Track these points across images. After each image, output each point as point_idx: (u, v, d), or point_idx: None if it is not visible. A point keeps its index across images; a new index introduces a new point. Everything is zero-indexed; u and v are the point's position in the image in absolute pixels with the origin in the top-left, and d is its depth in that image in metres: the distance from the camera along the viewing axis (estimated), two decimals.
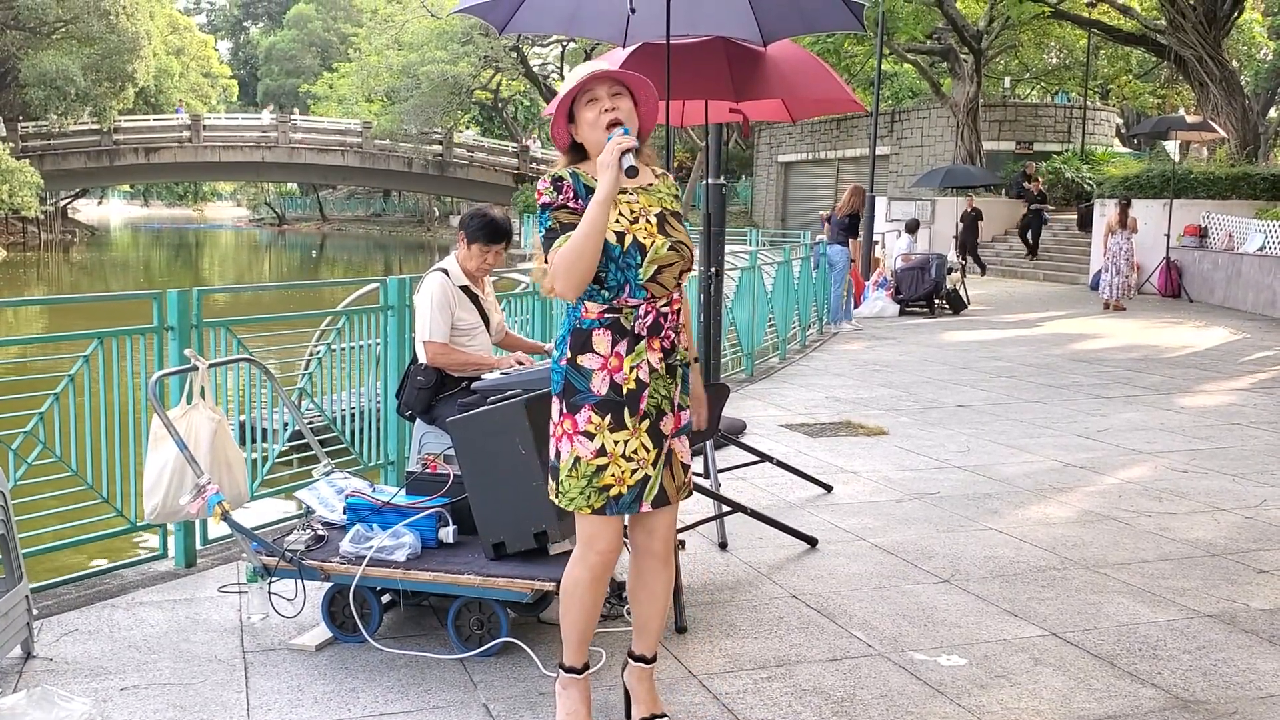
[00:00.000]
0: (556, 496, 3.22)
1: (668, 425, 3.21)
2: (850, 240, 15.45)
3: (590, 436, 3.14)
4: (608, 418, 3.13)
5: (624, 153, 3.03)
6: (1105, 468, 7.01)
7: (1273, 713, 3.61)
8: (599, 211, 3.04)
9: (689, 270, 3.28)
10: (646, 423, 3.15)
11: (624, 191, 3.22)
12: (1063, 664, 3.98)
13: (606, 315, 3.16)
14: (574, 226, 3.07)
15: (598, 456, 3.13)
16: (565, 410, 3.18)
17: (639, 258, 3.13)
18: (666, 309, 3.20)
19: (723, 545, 5.27)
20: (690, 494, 3.33)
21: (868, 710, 3.60)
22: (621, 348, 3.14)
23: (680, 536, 4.84)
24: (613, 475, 3.13)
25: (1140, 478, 6.77)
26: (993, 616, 4.44)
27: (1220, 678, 3.88)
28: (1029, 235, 25.82)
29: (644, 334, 3.16)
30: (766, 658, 4.01)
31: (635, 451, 3.14)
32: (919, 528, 5.68)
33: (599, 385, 3.14)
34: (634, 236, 3.14)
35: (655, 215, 3.22)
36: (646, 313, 3.16)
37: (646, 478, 3.16)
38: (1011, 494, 6.36)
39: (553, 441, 3.24)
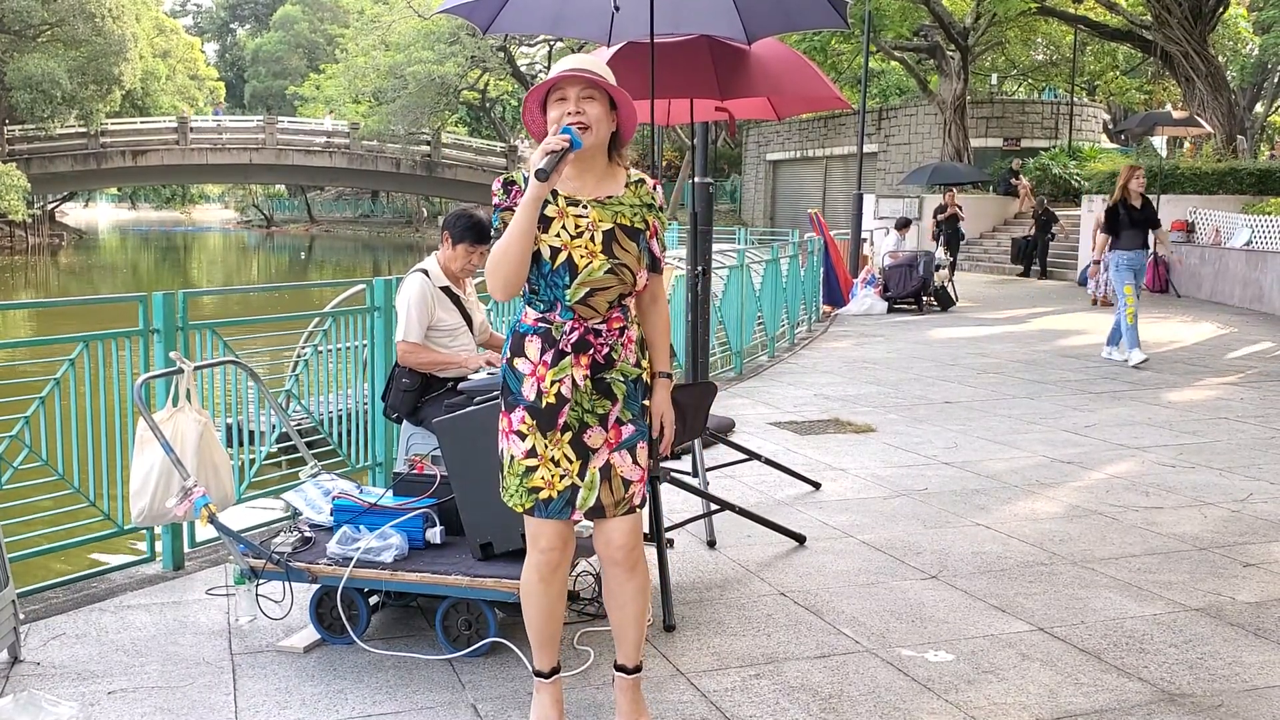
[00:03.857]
0: (502, 491, 3.23)
1: (595, 439, 3.15)
2: (1120, 233, 11.31)
3: (522, 437, 3.16)
4: (537, 421, 3.13)
5: (548, 153, 2.95)
6: (1092, 463, 7.03)
7: (1258, 705, 3.63)
8: (521, 214, 3.02)
9: (632, 294, 3.20)
10: (568, 435, 3.13)
11: (575, 204, 3.14)
12: (1050, 659, 3.99)
13: (540, 323, 3.15)
14: None
15: (528, 457, 3.15)
16: (505, 408, 3.21)
17: (568, 278, 3.09)
18: (600, 326, 3.14)
19: (711, 543, 5.28)
20: (631, 510, 3.21)
21: (856, 707, 3.60)
22: (548, 357, 3.13)
23: (669, 535, 4.85)
24: (542, 478, 3.14)
25: (1127, 472, 6.79)
26: (980, 612, 4.45)
27: (1206, 671, 3.89)
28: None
29: (569, 350, 3.12)
30: (755, 655, 4.01)
31: (558, 461, 3.14)
32: (907, 524, 5.69)
33: (528, 390, 3.14)
34: (569, 255, 3.08)
35: (604, 232, 3.12)
36: (573, 330, 3.12)
37: (575, 486, 3.14)
38: (999, 490, 6.37)
39: (499, 437, 3.25)
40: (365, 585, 4.01)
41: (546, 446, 3.14)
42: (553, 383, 3.12)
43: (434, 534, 4.15)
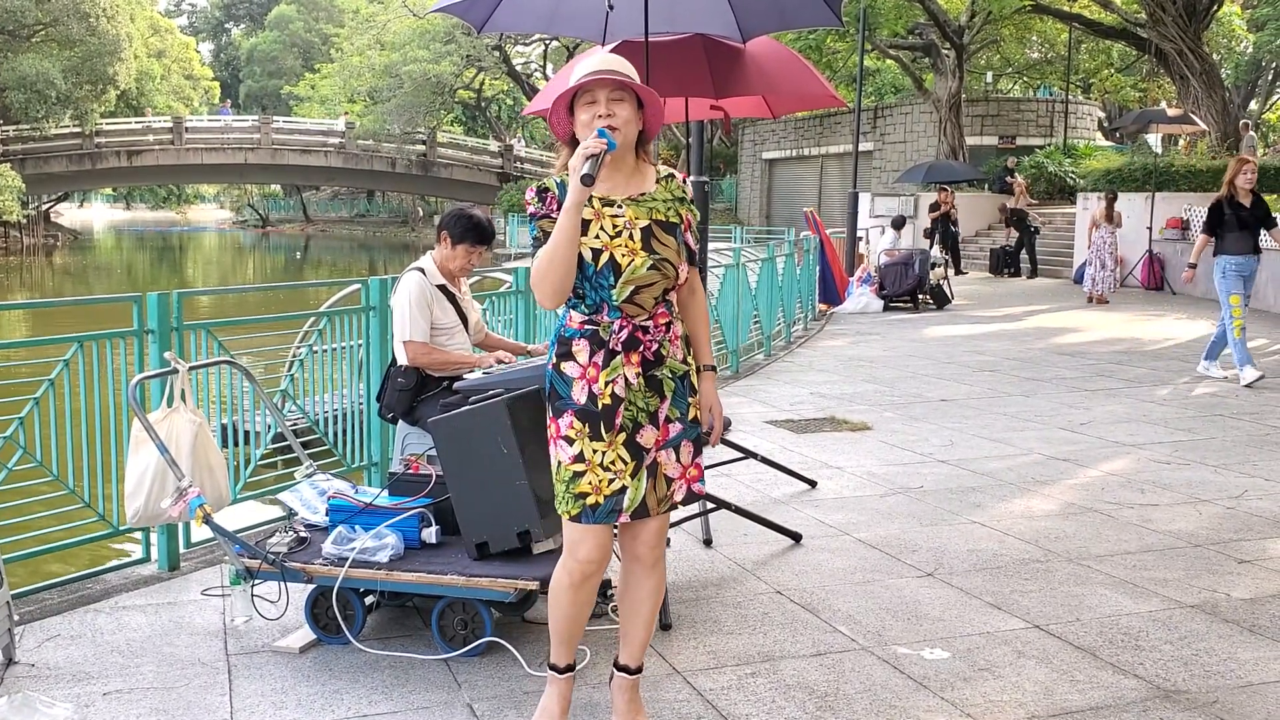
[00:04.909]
0: (556, 500, 3.20)
1: (647, 438, 3.14)
2: (1225, 235, 9.81)
3: (570, 442, 3.13)
4: (587, 425, 3.11)
5: (589, 158, 2.96)
6: (1088, 460, 7.04)
7: (1253, 701, 3.63)
8: (566, 220, 3.00)
9: (675, 288, 3.20)
10: (623, 436, 3.11)
11: (610, 204, 3.14)
12: (1045, 656, 3.99)
13: (586, 326, 3.14)
14: None
15: (575, 463, 3.11)
16: (552, 414, 3.19)
17: (612, 278, 3.08)
18: (648, 323, 3.13)
19: (707, 542, 5.28)
20: (674, 507, 3.23)
21: (851, 705, 3.60)
22: (599, 359, 3.11)
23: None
24: (589, 483, 3.10)
25: (1123, 470, 6.79)
26: (976, 610, 4.45)
27: (1201, 667, 3.90)
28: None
29: (619, 349, 3.11)
30: (751, 653, 4.01)
31: (613, 462, 3.11)
32: (903, 522, 5.69)
33: (579, 394, 3.12)
34: (611, 255, 3.08)
35: (641, 229, 3.12)
36: (621, 328, 3.11)
37: (624, 488, 3.11)
38: (995, 487, 6.38)
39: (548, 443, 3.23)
40: (361, 585, 4.01)
41: (596, 451, 3.11)
42: (606, 383, 3.11)
43: (430, 534, 4.15)
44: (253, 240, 66.99)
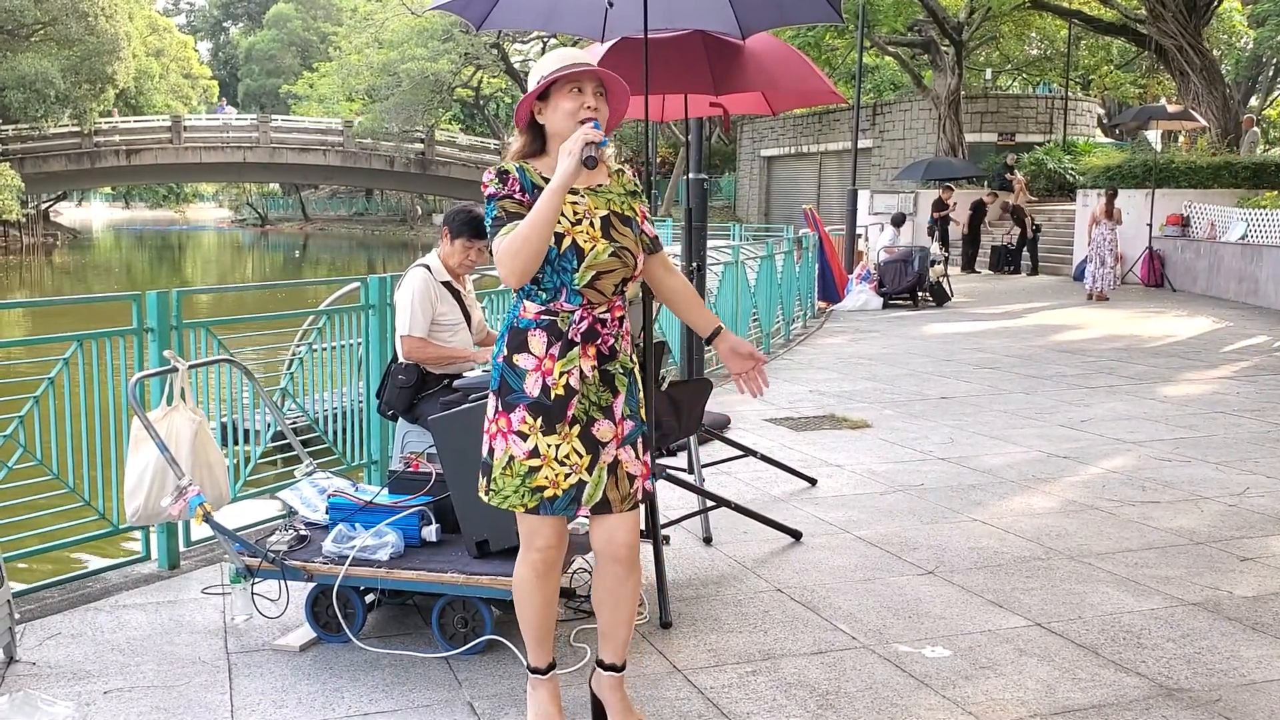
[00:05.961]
0: (487, 494, 3.19)
1: (604, 432, 3.14)
2: None
3: (524, 437, 3.12)
4: (540, 420, 3.10)
5: (590, 144, 2.98)
6: (1089, 457, 7.03)
7: (1255, 699, 3.62)
8: (552, 198, 3.00)
9: (634, 279, 3.23)
10: (577, 428, 3.11)
11: (572, 191, 3.14)
12: (1047, 654, 3.98)
13: (543, 316, 3.13)
14: (520, 216, 3.04)
15: (531, 457, 3.11)
16: (500, 408, 3.17)
17: (575, 262, 3.08)
18: (605, 315, 3.14)
19: (707, 540, 5.27)
20: (636, 506, 3.22)
21: (853, 703, 3.60)
22: (555, 350, 3.11)
23: (665, 532, 4.85)
24: (545, 477, 3.10)
25: (1124, 467, 6.79)
26: (977, 607, 4.44)
27: (1204, 665, 3.89)
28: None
29: (577, 340, 3.11)
30: (751, 652, 4.01)
31: (568, 456, 3.11)
32: (903, 520, 5.68)
33: (532, 386, 3.11)
34: (573, 240, 3.09)
35: (600, 218, 3.14)
36: (582, 319, 3.11)
37: (582, 482, 3.12)
38: (995, 485, 6.37)
39: (485, 438, 3.21)
40: (361, 583, 4.00)
41: (550, 445, 3.10)
42: (561, 374, 3.10)
43: (430, 532, 4.14)
44: (251, 239, 66.96)
